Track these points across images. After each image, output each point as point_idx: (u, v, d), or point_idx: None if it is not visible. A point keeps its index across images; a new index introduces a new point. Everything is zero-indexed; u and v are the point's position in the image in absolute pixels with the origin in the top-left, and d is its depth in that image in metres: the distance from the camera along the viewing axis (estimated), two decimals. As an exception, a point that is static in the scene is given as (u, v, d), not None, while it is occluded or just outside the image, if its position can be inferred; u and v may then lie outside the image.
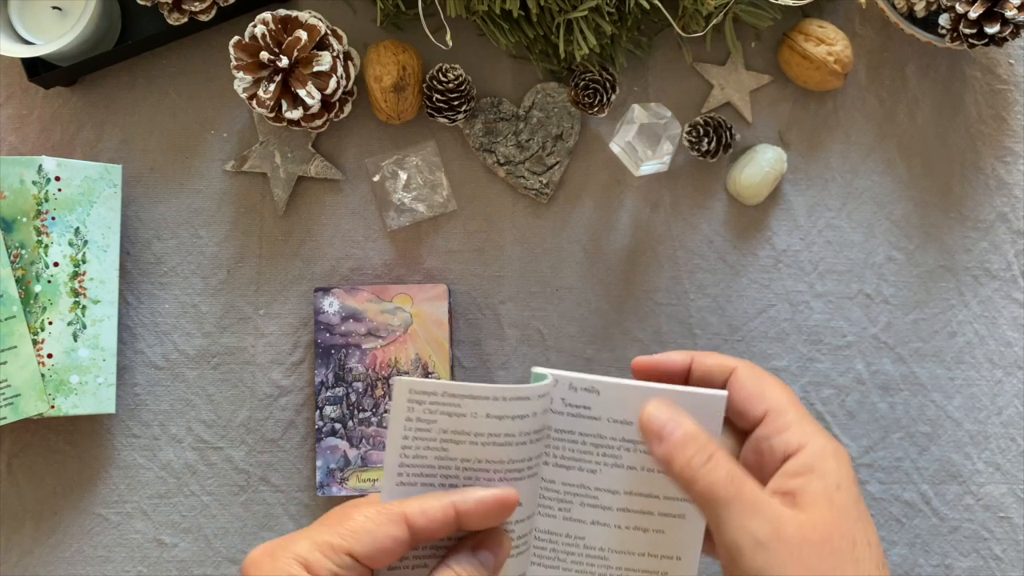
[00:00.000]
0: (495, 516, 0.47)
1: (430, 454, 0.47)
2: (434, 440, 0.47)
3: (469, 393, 0.46)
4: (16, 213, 0.61)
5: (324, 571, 0.43)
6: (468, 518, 0.46)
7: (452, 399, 0.46)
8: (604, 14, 0.61)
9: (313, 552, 0.43)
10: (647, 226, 0.67)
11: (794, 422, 0.49)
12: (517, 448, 0.47)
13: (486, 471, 0.47)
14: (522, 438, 0.47)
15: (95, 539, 0.65)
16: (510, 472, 0.47)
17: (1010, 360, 0.67)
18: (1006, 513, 0.66)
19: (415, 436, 0.47)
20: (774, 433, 0.48)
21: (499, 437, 0.47)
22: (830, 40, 0.64)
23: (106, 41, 0.65)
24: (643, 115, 0.62)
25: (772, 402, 0.49)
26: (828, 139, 0.67)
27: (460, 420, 0.46)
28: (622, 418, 0.50)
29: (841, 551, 0.45)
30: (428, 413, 0.47)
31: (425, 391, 0.46)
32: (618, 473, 0.50)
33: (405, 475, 0.47)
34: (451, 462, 0.47)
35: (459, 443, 0.47)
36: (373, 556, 0.44)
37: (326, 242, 0.66)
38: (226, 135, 0.66)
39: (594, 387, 0.49)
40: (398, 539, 0.44)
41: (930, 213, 0.67)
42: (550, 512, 0.51)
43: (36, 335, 0.60)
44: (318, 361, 0.64)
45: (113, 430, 0.65)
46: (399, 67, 0.63)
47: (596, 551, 0.51)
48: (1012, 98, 0.68)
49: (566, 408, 0.50)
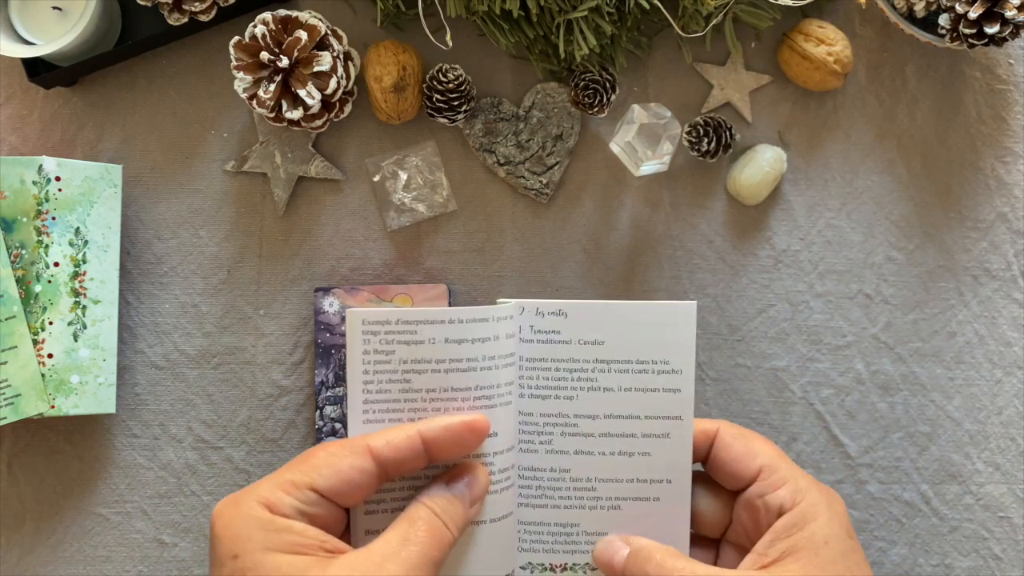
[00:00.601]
0: (466, 443, 0.45)
1: (393, 387, 0.46)
2: (395, 372, 0.46)
3: (424, 318, 0.45)
4: (16, 213, 0.61)
5: (288, 508, 0.42)
6: (436, 447, 0.44)
7: (408, 326, 0.45)
8: (604, 14, 0.61)
9: (275, 492, 0.42)
10: (647, 226, 0.67)
11: (788, 478, 0.48)
12: (483, 374, 0.46)
13: (454, 399, 0.46)
14: (487, 363, 0.46)
15: (95, 539, 0.65)
16: (479, 400, 0.46)
17: (1010, 360, 0.67)
18: (1006, 513, 0.66)
19: (375, 370, 0.46)
20: (769, 490, 0.48)
21: (461, 362, 0.46)
22: (830, 40, 0.64)
23: (106, 41, 0.65)
24: (643, 115, 0.62)
25: (764, 459, 0.49)
26: (828, 139, 0.67)
27: (419, 348, 0.45)
28: (593, 338, 0.49)
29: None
30: (385, 344, 0.45)
31: (379, 320, 0.45)
32: (595, 396, 0.50)
33: (371, 412, 0.46)
34: (416, 394, 0.46)
35: (421, 372, 0.46)
36: (338, 489, 0.43)
37: (326, 242, 0.66)
38: (226, 135, 0.66)
39: (561, 310, 0.49)
40: (363, 470, 0.43)
41: (930, 213, 0.67)
42: (531, 447, 0.50)
43: (36, 335, 0.60)
44: (318, 361, 0.64)
45: (113, 430, 0.65)
46: (399, 67, 0.63)
47: (583, 482, 0.50)
48: (1012, 98, 0.68)
49: (535, 336, 0.49)
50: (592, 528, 0.50)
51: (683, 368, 0.50)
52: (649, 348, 0.50)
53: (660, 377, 0.50)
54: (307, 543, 0.41)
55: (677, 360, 0.50)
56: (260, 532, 0.41)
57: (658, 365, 0.50)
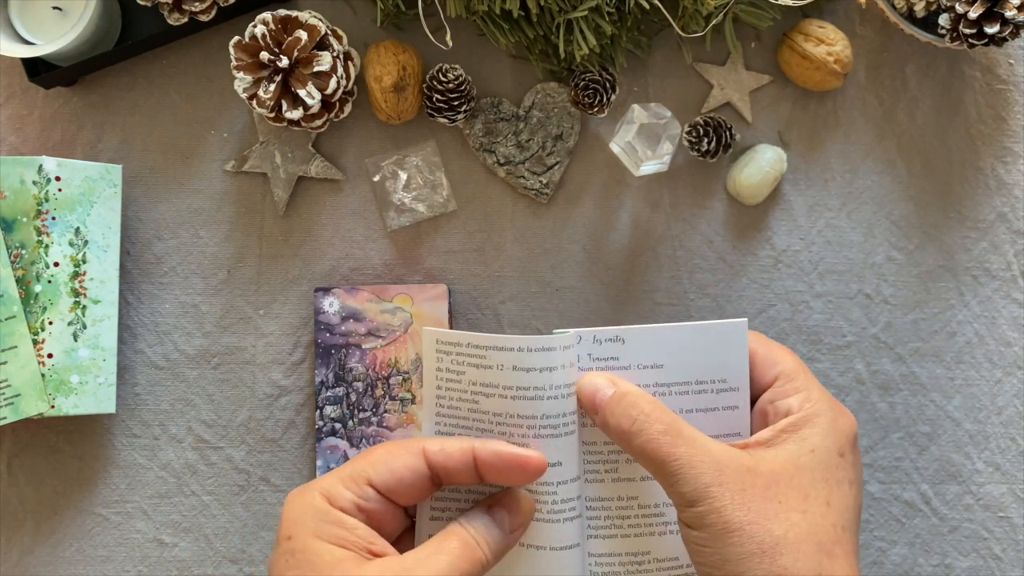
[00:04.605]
0: (515, 475, 0.46)
1: (463, 405, 0.47)
2: (465, 391, 0.47)
3: (493, 344, 0.46)
4: (16, 213, 0.61)
5: (345, 501, 0.44)
6: (486, 468, 0.45)
7: (477, 350, 0.46)
8: (604, 14, 0.61)
9: (336, 484, 0.44)
10: (647, 226, 0.67)
11: (802, 388, 0.49)
12: (549, 403, 0.46)
13: (519, 426, 0.46)
14: (553, 392, 0.46)
15: (95, 539, 0.65)
16: (544, 428, 0.46)
17: (1010, 360, 0.67)
18: (1006, 513, 0.66)
19: (447, 387, 0.47)
20: (781, 396, 0.49)
21: (528, 391, 0.46)
22: (830, 40, 0.64)
23: (106, 41, 0.65)
24: (643, 115, 0.62)
25: (783, 367, 0.50)
26: (828, 139, 0.67)
27: (487, 372, 0.46)
28: (651, 362, 0.49)
29: (787, 499, 0.44)
30: (456, 364, 0.47)
31: (451, 341, 0.47)
32: None
33: (443, 424, 0.47)
34: (484, 415, 0.47)
35: (489, 396, 0.46)
36: (391, 486, 0.44)
37: (326, 242, 0.66)
38: (226, 135, 0.66)
39: (619, 336, 0.49)
40: (415, 471, 0.44)
41: (930, 213, 0.67)
42: (597, 476, 0.49)
43: (36, 335, 0.60)
44: (318, 361, 0.64)
45: (113, 430, 0.65)
46: (399, 67, 0.63)
47: (651, 508, 0.50)
48: (1012, 98, 0.68)
49: (594, 363, 0.49)
50: (663, 555, 0.50)
51: (739, 386, 0.50)
52: (706, 368, 0.50)
53: (719, 396, 0.50)
54: (353, 540, 0.43)
55: (733, 378, 0.50)
56: (314, 520, 0.43)
57: (716, 384, 0.50)
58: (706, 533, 0.44)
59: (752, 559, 0.43)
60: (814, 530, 0.44)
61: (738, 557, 0.43)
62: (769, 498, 0.44)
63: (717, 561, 0.44)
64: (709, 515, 0.44)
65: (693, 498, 0.44)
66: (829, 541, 0.44)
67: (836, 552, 0.44)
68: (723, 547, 0.43)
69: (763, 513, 0.44)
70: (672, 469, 0.44)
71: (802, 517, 0.44)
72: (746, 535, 0.43)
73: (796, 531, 0.44)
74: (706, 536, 0.44)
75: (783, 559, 0.43)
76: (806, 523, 0.44)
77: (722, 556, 0.44)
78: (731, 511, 0.43)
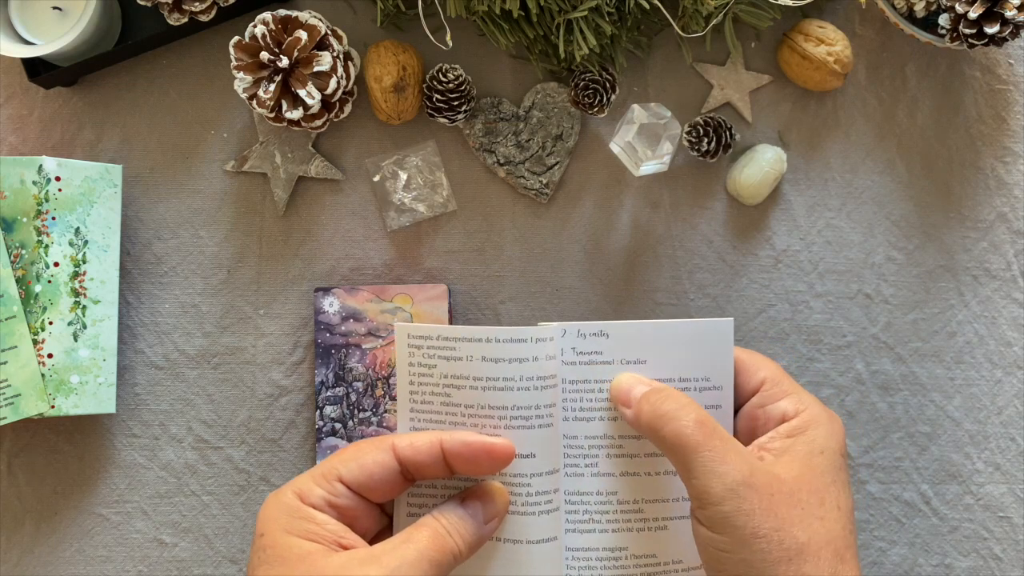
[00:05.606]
0: (484, 463, 0.46)
1: (435, 399, 0.47)
2: (437, 385, 0.47)
3: (463, 335, 0.46)
4: (16, 213, 0.61)
5: (316, 498, 0.44)
6: (454, 458, 0.45)
7: (447, 342, 0.47)
8: (604, 14, 0.61)
9: (307, 482, 0.45)
10: (647, 226, 0.67)
11: (790, 391, 0.49)
12: (520, 394, 0.46)
13: (490, 417, 0.46)
14: (524, 383, 0.47)
15: (95, 539, 0.65)
16: (516, 420, 0.46)
17: (1010, 360, 0.67)
18: (1006, 513, 0.66)
19: (420, 382, 0.47)
20: (770, 401, 0.49)
21: (498, 381, 0.46)
22: (830, 40, 0.64)
23: (106, 41, 0.65)
24: (643, 115, 0.62)
25: (767, 372, 0.50)
26: (828, 139, 0.67)
27: (458, 364, 0.46)
28: (635, 358, 0.49)
29: (808, 506, 0.45)
30: (427, 358, 0.47)
31: (422, 335, 0.47)
32: None
33: (416, 420, 0.48)
34: (456, 408, 0.47)
35: (460, 388, 0.47)
36: (361, 481, 0.45)
37: (326, 242, 0.66)
38: (226, 135, 0.66)
39: (603, 331, 0.49)
40: (385, 466, 0.45)
41: (930, 213, 0.67)
42: (577, 470, 0.49)
43: (36, 335, 0.60)
44: (318, 361, 0.64)
45: (113, 430, 0.65)
46: (399, 67, 0.63)
47: (630, 504, 0.50)
48: (1012, 98, 0.68)
49: (578, 357, 0.49)
50: (641, 551, 0.50)
51: (723, 384, 0.50)
52: (690, 366, 0.50)
53: (702, 394, 0.50)
54: (323, 534, 0.44)
55: (717, 376, 0.50)
56: (285, 517, 0.44)
57: (699, 382, 0.50)
58: (728, 537, 0.43)
59: (779, 566, 0.43)
60: (831, 536, 0.44)
61: (763, 564, 0.43)
62: (793, 504, 0.44)
63: (739, 566, 0.43)
64: (736, 516, 0.43)
65: (721, 495, 0.43)
66: (843, 546, 0.45)
67: (847, 556, 0.45)
68: (748, 553, 0.43)
69: (788, 519, 0.44)
70: (702, 460, 0.44)
71: (821, 523, 0.45)
72: (773, 542, 0.43)
73: (817, 538, 0.44)
74: (728, 540, 0.43)
75: (806, 566, 0.43)
76: (824, 529, 0.44)
77: (746, 562, 0.43)
78: (760, 516, 0.43)
